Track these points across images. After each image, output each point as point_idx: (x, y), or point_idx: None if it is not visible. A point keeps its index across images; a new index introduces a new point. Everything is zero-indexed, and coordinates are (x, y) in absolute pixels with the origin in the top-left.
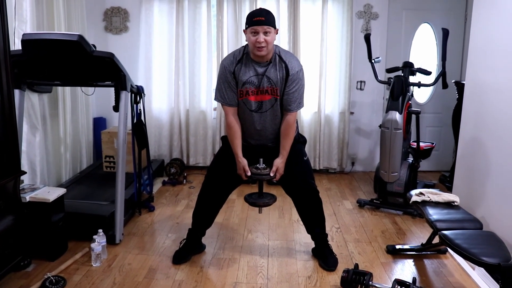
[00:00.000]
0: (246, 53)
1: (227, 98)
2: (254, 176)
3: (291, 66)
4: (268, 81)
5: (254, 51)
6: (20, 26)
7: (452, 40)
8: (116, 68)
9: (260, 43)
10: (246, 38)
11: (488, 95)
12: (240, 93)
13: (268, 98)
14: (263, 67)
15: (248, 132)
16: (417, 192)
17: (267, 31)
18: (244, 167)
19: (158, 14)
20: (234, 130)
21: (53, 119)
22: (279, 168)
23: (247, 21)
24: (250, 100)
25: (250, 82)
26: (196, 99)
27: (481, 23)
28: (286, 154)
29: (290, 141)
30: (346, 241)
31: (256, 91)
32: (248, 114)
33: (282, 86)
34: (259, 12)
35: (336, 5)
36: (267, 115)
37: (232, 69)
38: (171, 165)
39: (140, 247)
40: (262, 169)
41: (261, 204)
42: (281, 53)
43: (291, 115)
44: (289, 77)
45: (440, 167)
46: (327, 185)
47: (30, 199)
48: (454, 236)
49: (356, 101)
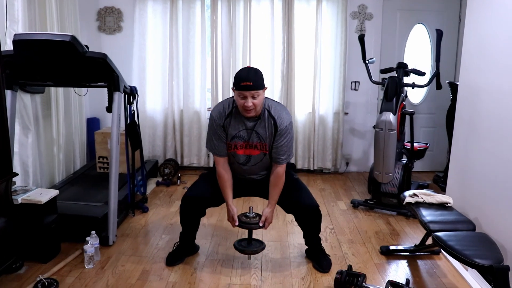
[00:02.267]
0: (235, 107)
1: (217, 149)
2: (244, 225)
3: (280, 122)
4: (257, 137)
5: (243, 113)
6: (12, 26)
7: (446, 41)
8: (109, 69)
9: (248, 107)
10: (234, 96)
11: (481, 97)
12: (228, 146)
13: (257, 153)
14: (252, 122)
15: (237, 177)
16: (410, 193)
17: (255, 95)
18: (233, 216)
19: (152, 14)
20: (225, 180)
21: (46, 119)
22: (268, 218)
23: (234, 82)
24: (238, 153)
25: (238, 136)
26: (190, 99)
27: (474, 25)
28: (274, 203)
29: (279, 191)
30: (340, 242)
31: (245, 145)
32: (236, 166)
33: (270, 141)
34: (246, 76)
35: (330, 5)
36: (255, 167)
37: (221, 122)
38: (165, 165)
39: (134, 249)
40: (251, 217)
41: (249, 252)
42: (271, 108)
43: (281, 167)
44: (278, 132)
45: (434, 167)
46: (321, 185)
47: (22, 201)
48: (447, 237)
49: (350, 102)
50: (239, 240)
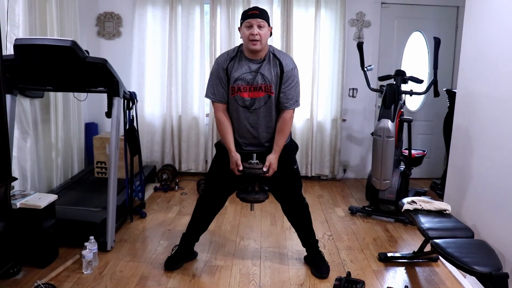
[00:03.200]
0: (240, 51)
1: (217, 94)
2: (247, 170)
3: (285, 63)
4: (262, 78)
5: (248, 45)
6: (13, 30)
7: (443, 48)
8: (109, 74)
9: (254, 36)
10: (240, 34)
11: (479, 104)
12: (232, 89)
13: (262, 95)
14: (257, 64)
15: (241, 132)
16: (409, 201)
17: (261, 25)
18: (237, 161)
19: (151, 20)
20: (225, 125)
21: (45, 124)
22: (272, 164)
23: (242, 16)
24: (242, 96)
25: (242, 78)
26: (188, 105)
27: (472, 32)
28: (279, 150)
29: (284, 137)
30: (338, 249)
31: (249, 88)
32: (241, 111)
33: (277, 83)
34: (253, 8)
35: (329, 12)
36: (260, 112)
37: (225, 65)
38: (163, 171)
39: (132, 254)
40: (255, 164)
41: (251, 199)
42: (275, 51)
43: (288, 112)
44: (284, 74)
45: (431, 175)
46: (319, 192)
47: (21, 205)
48: (445, 244)
49: (348, 109)
50: (241, 189)
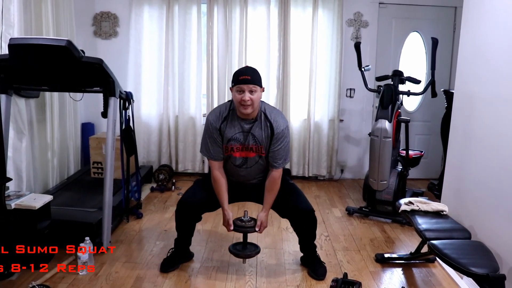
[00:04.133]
0: (232, 110)
1: (213, 153)
2: (239, 229)
3: (276, 126)
4: (254, 139)
5: (240, 109)
6: (7, 30)
7: (441, 49)
8: (105, 74)
9: (246, 102)
10: (232, 95)
11: (477, 105)
12: (225, 149)
13: (253, 155)
14: (249, 124)
15: (234, 180)
16: (406, 201)
17: (253, 90)
18: (229, 220)
19: (148, 20)
20: (220, 184)
21: (40, 124)
22: (263, 222)
23: (233, 79)
24: (234, 156)
25: (235, 139)
26: (185, 105)
27: (470, 33)
28: (269, 208)
29: (274, 196)
30: (335, 250)
31: (241, 148)
32: (233, 169)
33: (267, 144)
34: (245, 71)
35: (326, 12)
36: (251, 170)
37: (217, 126)
38: (160, 171)
39: (128, 255)
40: (246, 221)
41: (244, 256)
42: (267, 110)
43: (277, 172)
44: (274, 136)
45: (429, 175)
46: (316, 192)
47: (16, 206)
48: (442, 246)
49: (346, 109)
50: (234, 244)
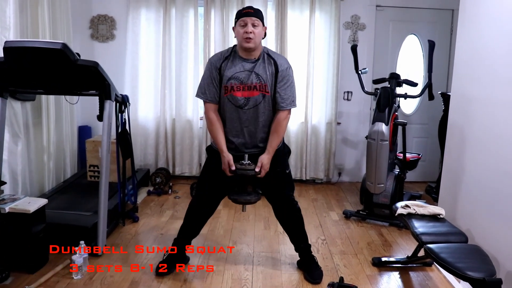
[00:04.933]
0: (234, 51)
1: (209, 94)
2: (238, 171)
3: (280, 63)
4: (257, 77)
5: (242, 43)
6: (3, 33)
7: (438, 51)
8: (100, 77)
9: (248, 34)
10: (235, 34)
11: (474, 108)
12: (225, 89)
13: (256, 94)
14: (251, 64)
15: (234, 132)
16: (402, 205)
17: (255, 23)
18: (229, 161)
19: (145, 23)
20: (216, 125)
21: (37, 127)
22: (264, 164)
23: (236, 15)
24: (236, 96)
25: (235, 77)
26: (182, 108)
27: (466, 35)
28: (272, 151)
29: (278, 139)
30: (332, 253)
31: (243, 87)
32: (234, 111)
33: (272, 82)
34: (248, 7)
35: (323, 15)
36: (254, 111)
37: (218, 64)
38: (157, 174)
39: (123, 259)
40: (247, 164)
41: (242, 201)
42: (269, 51)
43: (283, 113)
44: (279, 73)
45: (426, 178)
46: (314, 195)
47: (10, 210)
48: (439, 250)
49: (343, 112)
50: (233, 191)
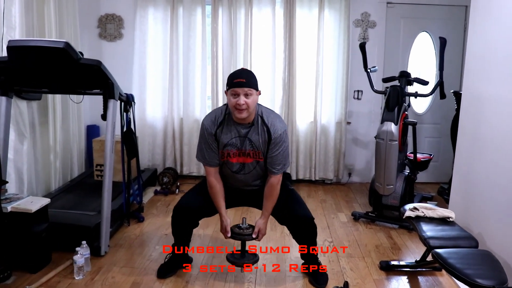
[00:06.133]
0: (228, 114)
1: (208, 159)
2: (237, 236)
3: (273, 130)
4: (250, 144)
5: (235, 113)
6: (9, 32)
7: (451, 49)
8: (103, 76)
9: (240, 106)
10: (227, 99)
11: (485, 106)
12: (221, 154)
13: (250, 161)
14: (245, 129)
15: (232, 186)
16: (411, 207)
17: (248, 93)
18: (226, 227)
19: (152, 21)
20: (216, 190)
21: (43, 126)
22: (261, 229)
23: (227, 82)
24: (231, 161)
25: (231, 144)
26: (190, 107)
27: (478, 33)
28: (268, 215)
29: (273, 203)
30: (339, 256)
31: (238, 153)
32: (230, 175)
33: (264, 149)
34: (239, 73)
35: (332, 13)
36: (249, 175)
37: (213, 131)
38: (164, 174)
39: (126, 260)
40: (244, 229)
41: (241, 264)
42: (264, 114)
43: (275, 178)
44: (272, 140)
45: (439, 179)
46: (323, 196)
47: (12, 209)
48: (447, 255)
49: (353, 111)
50: (232, 253)
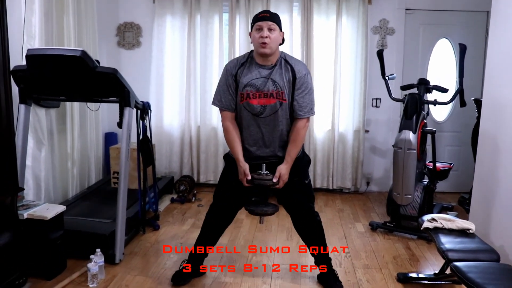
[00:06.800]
0: (251, 57)
1: (224, 102)
2: (256, 181)
3: (297, 69)
4: (274, 84)
5: (258, 48)
6: (29, 41)
7: (472, 56)
8: (119, 84)
9: (264, 39)
10: (251, 39)
11: (507, 114)
12: (241, 96)
13: (273, 102)
14: (267, 70)
15: (251, 140)
16: (429, 218)
17: (272, 27)
18: (245, 171)
19: (170, 30)
20: (233, 134)
21: (61, 134)
22: (282, 175)
23: (252, 20)
24: (252, 103)
25: (251, 84)
26: (207, 115)
27: (499, 38)
28: (291, 160)
29: (297, 148)
30: (355, 267)
31: (259, 94)
32: (251, 119)
33: (289, 90)
34: (264, 10)
35: (350, 20)
36: (271, 120)
37: (234, 71)
38: (181, 182)
39: (140, 268)
40: (264, 175)
41: (259, 212)
42: (287, 57)
43: (301, 121)
44: (296, 80)
45: (460, 188)
46: (340, 206)
47: (28, 216)
48: (467, 268)
49: (371, 119)
50: (250, 202)
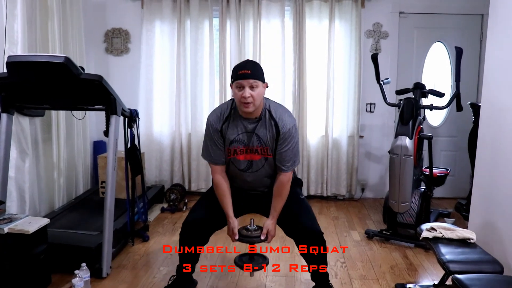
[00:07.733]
0: (234, 109)
1: (214, 157)
2: (244, 239)
3: (282, 124)
4: (258, 140)
5: (241, 107)
6: (11, 48)
7: (467, 59)
8: (105, 92)
9: (246, 99)
10: (232, 93)
11: (507, 118)
12: (228, 151)
13: (258, 157)
14: (252, 124)
15: (239, 184)
16: (428, 227)
17: (254, 85)
18: (234, 229)
19: (159, 35)
20: (223, 189)
21: (46, 143)
22: (270, 230)
23: (232, 74)
24: (238, 159)
25: (238, 140)
26: (198, 122)
27: (497, 41)
28: (276, 215)
29: (282, 202)
30: (351, 278)
31: (245, 150)
32: (238, 173)
33: (273, 145)
34: (244, 65)
35: (343, 24)
36: (258, 174)
37: (218, 127)
38: (171, 191)
39: (129, 282)
40: (252, 231)
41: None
42: (271, 108)
43: (285, 175)
44: (280, 136)
45: (456, 194)
46: (335, 213)
47: (9, 230)
48: (469, 281)
49: (366, 124)
50: (240, 255)
